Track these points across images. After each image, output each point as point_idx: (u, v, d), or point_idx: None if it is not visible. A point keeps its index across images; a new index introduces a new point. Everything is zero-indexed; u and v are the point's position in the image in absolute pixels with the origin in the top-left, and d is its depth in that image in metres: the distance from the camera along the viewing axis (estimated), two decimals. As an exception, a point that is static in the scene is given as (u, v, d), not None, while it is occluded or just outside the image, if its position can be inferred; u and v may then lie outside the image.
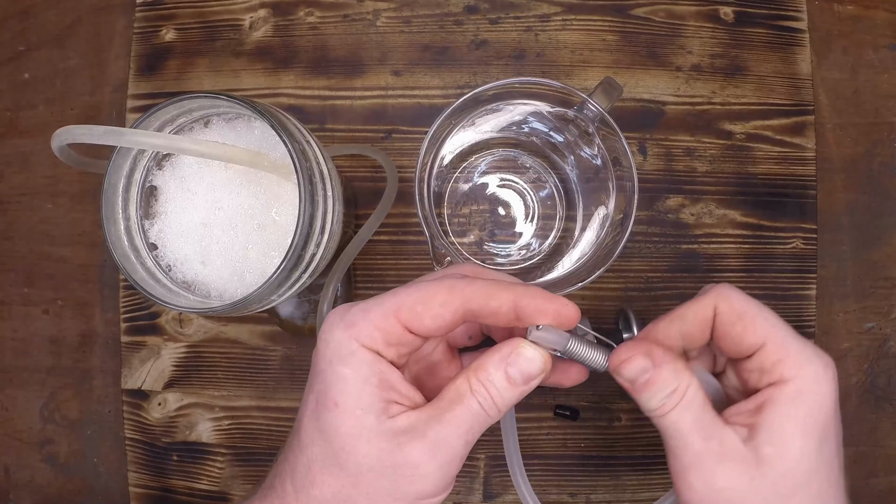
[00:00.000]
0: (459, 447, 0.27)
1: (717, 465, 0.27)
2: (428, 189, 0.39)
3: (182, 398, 0.47)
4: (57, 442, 0.48)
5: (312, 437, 0.27)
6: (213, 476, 0.47)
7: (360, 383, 0.26)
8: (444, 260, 0.37)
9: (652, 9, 0.48)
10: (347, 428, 0.26)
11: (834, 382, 0.27)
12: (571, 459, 0.46)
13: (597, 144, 0.40)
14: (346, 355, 0.27)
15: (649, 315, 0.46)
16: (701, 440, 0.27)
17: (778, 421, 0.27)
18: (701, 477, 0.27)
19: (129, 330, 0.48)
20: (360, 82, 0.48)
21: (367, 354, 0.27)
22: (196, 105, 0.34)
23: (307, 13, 0.48)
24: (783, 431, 0.27)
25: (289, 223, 0.35)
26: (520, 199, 0.45)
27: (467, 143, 0.44)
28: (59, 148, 0.31)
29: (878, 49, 0.49)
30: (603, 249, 0.39)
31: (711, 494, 0.27)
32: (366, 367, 0.27)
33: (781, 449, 0.27)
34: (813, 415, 0.27)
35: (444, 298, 0.27)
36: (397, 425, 0.26)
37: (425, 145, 0.37)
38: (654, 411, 0.28)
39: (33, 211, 0.49)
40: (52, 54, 0.50)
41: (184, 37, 0.49)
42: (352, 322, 0.27)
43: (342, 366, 0.27)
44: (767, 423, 0.27)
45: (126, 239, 0.35)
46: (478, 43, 0.48)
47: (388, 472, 0.26)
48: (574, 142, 0.42)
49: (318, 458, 0.27)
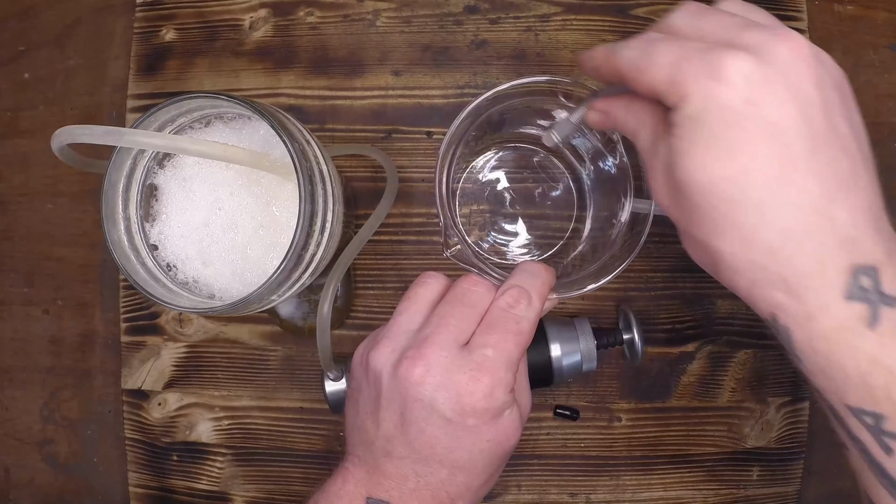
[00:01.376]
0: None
1: (670, 195, 0.27)
2: (448, 180, 0.38)
3: (182, 398, 0.47)
4: (57, 442, 0.48)
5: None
6: (213, 476, 0.47)
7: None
8: (453, 245, 0.37)
9: (652, 9, 0.48)
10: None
11: (729, 90, 0.24)
12: (571, 459, 0.46)
13: (619, 152, 0.40)
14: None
15: (649, 315, 0.46)
16: (660, 175, 0.28)
17: (683, 140, 0.25)
18: (672, 206, 0.28)
19: (129, 330, 0.48)
20: (360, 82, 0.48)
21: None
22: (196, 105, 0.34)
23: (307, 13, 0.48)
24: (688, 150, 0.25)
25: (289, 223, 0.35)
26: (531, 197, 0.45)
27: (486, 139, 0.44)
28: (59, 148, 0.31)
29: (878, 49, 0.49)
30: (613, 256, 0.39)
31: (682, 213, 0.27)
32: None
33: (692, 169, 0.25)
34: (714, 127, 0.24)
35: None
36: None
37: (452, 131, 0.36)
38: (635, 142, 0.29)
39: (33, 211, 0.49)
40: (52, 54, 0.50)
41: (184, 37, 0.49)
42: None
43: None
44: (677, 144, 0.26)
45: (126, 239, 0.35)
46: (478, 43, 0.48)
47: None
48: (595, 146, 0.42)
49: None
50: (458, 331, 0.31)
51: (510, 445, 0.32)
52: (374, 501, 0.31)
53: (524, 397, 0.35)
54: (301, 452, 0.47)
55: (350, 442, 0.34)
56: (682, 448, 0.46)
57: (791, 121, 0.24)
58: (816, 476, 0.47)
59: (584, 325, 0.43)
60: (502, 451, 0.32)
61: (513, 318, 0.32)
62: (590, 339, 0.42)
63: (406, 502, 0.31)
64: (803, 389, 0.47)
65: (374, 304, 0.47)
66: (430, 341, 0.31)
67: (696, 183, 0.25)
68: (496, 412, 0.31)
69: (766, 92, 0.24)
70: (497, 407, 0.31)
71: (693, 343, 0.46)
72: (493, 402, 0.30)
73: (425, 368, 0.30)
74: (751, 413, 0.46)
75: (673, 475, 0.46)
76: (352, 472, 0.32)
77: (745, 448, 0.46)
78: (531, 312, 0.32)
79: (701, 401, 0.46)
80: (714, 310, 0.47)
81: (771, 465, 0.46)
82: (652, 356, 0.46)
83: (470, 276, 0.34)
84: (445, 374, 0.30)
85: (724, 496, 0.46)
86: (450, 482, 0.31)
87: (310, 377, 0.47)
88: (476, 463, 0.31)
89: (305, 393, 0.47)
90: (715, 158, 0.24)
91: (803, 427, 0.46)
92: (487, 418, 0.31)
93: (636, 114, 0.29)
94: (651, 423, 0.46)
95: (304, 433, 0.47)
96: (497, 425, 0.31)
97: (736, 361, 0.46)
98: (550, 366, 0.42)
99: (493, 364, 0.31)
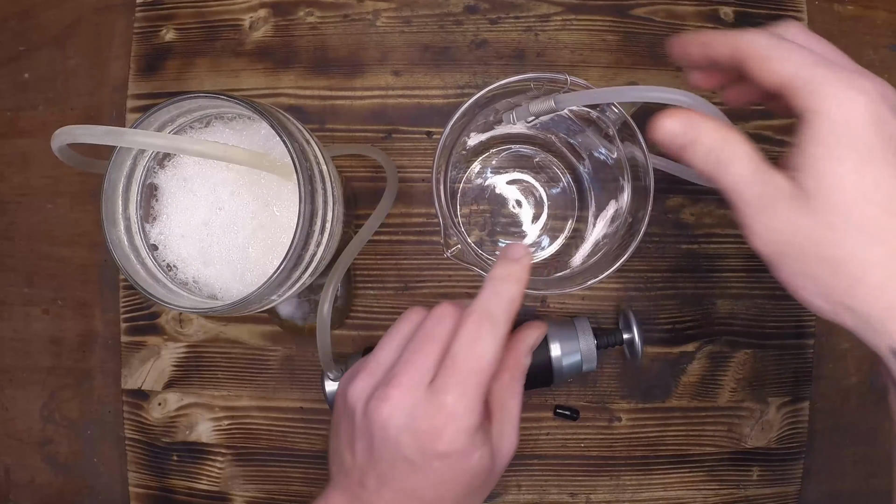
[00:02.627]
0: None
1: (771, 209, 0.27)
2: (445, 180, 0.38)
3: (182, 398, 0.47)
4: (57, 442, 0.48)
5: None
6: (213, 476, 0.47)
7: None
8: (453, 245, 0.37)
9: (652, 9, 0.48)
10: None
11: (863, 104, 0.26)
12: (571, 459, 0.46)
13: (616, 147, 0.40)
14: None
15: (649, 315, 0.46)
16: (752, 187, 0.28)
17: (811, 154, 0.27)
18: (761, 222, 0.28)
19: (129, 330, 0.48)
20: (360, 82, 0.48)
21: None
22: (196, 105, 0.34)
23: (307, 13, 0.48)
24: (816, 162, 0.27)
25: (289, 223, 0.35)
26: (529, 198, 0.45)
27: (484, 136, 0.44)
28: (59, 148, 0.31)
29: (878, 49, 0.49)
30: (613, 251, 0.39)
31: (772, 236, 0.28)
32: None
33: (819, 180, 0.26)
34: (844, 138, 0.26)
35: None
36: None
37: (446, 132, 0.37)
38: (706, 174, 0.29)
39: (33, 211, 0.49)
40: (53, 54, 0.50)
41: (184, 37, 0.49)
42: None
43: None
44: (803, 160, 0.27)
45: (126, 239, 0.35)
46: (478, 43, 0.48)
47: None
48: (592, 142, 0.42)
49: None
50: (424, 369, 0.31)
51: (481, 483, 0.32)
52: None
53: (506, 439, 0.34)
54: (301, 452, 0.47)
55: (332, 468, 0.35)
56: (682, 448, 0.46)
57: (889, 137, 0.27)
58: (816, 476, 0.47)
59: (584, 325, 0.43)
60: (472, 489, 0.32)
61: (473, 355, 0.30)
62: (590, 339, 0.42)
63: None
64: (803, 389, 0.47)
65: (374, 304, 0.47)
66: (396, 382, 0.31)
67: (846, 192, 0.26)
68: (461, 455, 0.30)
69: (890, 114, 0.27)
70: (460, 451, 0.30)
71: (693, 343, 0.47)
72: (455, 447, 0.30)
73: (390, 410, 0.30)
74: (751, 413, 0.46)
75: (673, 475, 0.46)
76: (333, 498, 0.33)
77: (745, 448, 0.46)
78: (494, 342, 0.30)
79: (701, 401, 0.46)
80: (714, 310, 0.47)
81: (771, 465, 0.46)
82: (652, 356, 0.46)
83: (441, 308, 0.32)
84: (409, 418, 0.30)
85: (724, 496, 0.46)
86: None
87: (310, 377, 0.47)
88: (445, 500, 0.31)
89: (305, 393, 0.47)
90: (863, 162, 0.26)
91: (803, 427, 0.46)
92: (453, 461, 0.30)
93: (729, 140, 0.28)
94: (651, 423, 0.46)
95: (304, 433, 0.47)
96: (464, 467, 0.31)
97: (736, 361, 0.46)
98: (550, 366, 0.42)
99: (453, 410, 0.30)
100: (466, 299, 0.34)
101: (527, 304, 0.47)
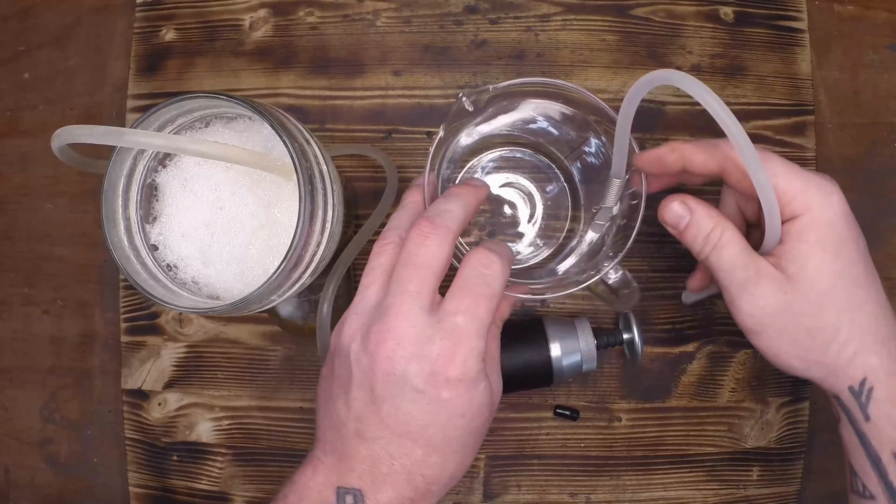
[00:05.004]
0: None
1: (756, 288, 0.33)
2: (437, 180, 0.38)
3: (182, 398, 0.47)
4: (57, 442, 0.48)
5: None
6: (213, 476, 0.47)
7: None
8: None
9: (652, 9, 0.48)
10: None
11: (838, 204, 0.33)
12: (571, 459, 0.46)
13: (601, 140, 0.40)
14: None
15: (649, 315, 0.46)
16: (741, 271, 0.33)
17: (795, 246, 0.33)
18: (746, 300, 0.33)
19: (129, 330, 0.48)
20: (360, 82, 0.48)
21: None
22: (196, 105, 0.34)
23: (307, 13, 0.48)
24: (800, 252, 0.32)
25: (289, 223, 0.35)
26: (524, 199, 0.45)
27: (477, 137, 0.44)
28: (59, 148, 0.31)
29: (878, 49, 0.49)
30: (617, 241, 0.39)
31: (757, 311, 0.33)
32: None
33: (802, 266, 0.32)
34: (823, 235, 0.32)
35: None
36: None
37: (441, 133, 0.37)
38: (699, 253, 0.34)
39: (33, 211, 0.49)
40: (52, 54, 0.50)
41: (184, 37, 0.49)
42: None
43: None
44: (788, 250, 0.33)
45: (126, 239, 0.35)
46: (478, 43, 0.48)
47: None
48: (582, 142, 0.42)
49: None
50: (421, 296, 0.30)
51: (482, 422, 0.32)
52: (344, 491, 0.30)
53: (495, 377, 0.33)
54: (301, 452, 0.47)
55: (320, 428, 0.33)
56: (682, 448, 0.46)
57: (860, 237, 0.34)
58: (816, 476, 0.47)
59: (584, 325, 0.43)
60: (475, 428, 0.31)
61: (485, 279, 0.31)
62: (590, 339, 0.42)
63: (379, 489, 0.30)
64: (803, 389, 0.47)
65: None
66: (395, 311, 0.30)
67: (823, 275, 0.32)
68: (470, 383, 0.30)
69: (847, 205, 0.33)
70: (471, 377, 0.30)
71: (693, 343, 0.47)
72: (466, 372, 0.30)
73: (395, 341, 0.30)
74: (751, 413, 0.46)
75: (673, 475, 0.46)
76: (322, 461, 0.31)
77: (745, 448, 0.46)
78: (502, 275, 0.31)
79: (701, 401, 0.46)
80: (714, 310, 0.47)
81: (771, 465, 0.46)
82: (652, 356, 0.46)
83: (419, 227, 0.31)
84: (416, 345, 0.29)
85: (724, 496, 0.46)
86: (424, 463, 0.30)
87: (310, 377, 0.47)
88: (450, 441, 0.30)
89: (305, 393, 0.47)
90: (838, 251, 0.33)
91: (803, 427, 0.46)
92: (462, 389, 0.30)
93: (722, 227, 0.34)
94: (651, 423, 0.46)
95: (304, 433, 0.47)
96: (470, 399, 0.30)
97: (736, 361, 0.46)
98: (550, 366, 0.42)
99: (465, 331, 0.30)
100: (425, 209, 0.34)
101: (527, 304, 0.47)
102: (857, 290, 0.33)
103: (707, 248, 0.34)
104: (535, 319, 0.43)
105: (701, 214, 0.34)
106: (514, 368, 0.41)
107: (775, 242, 0.34)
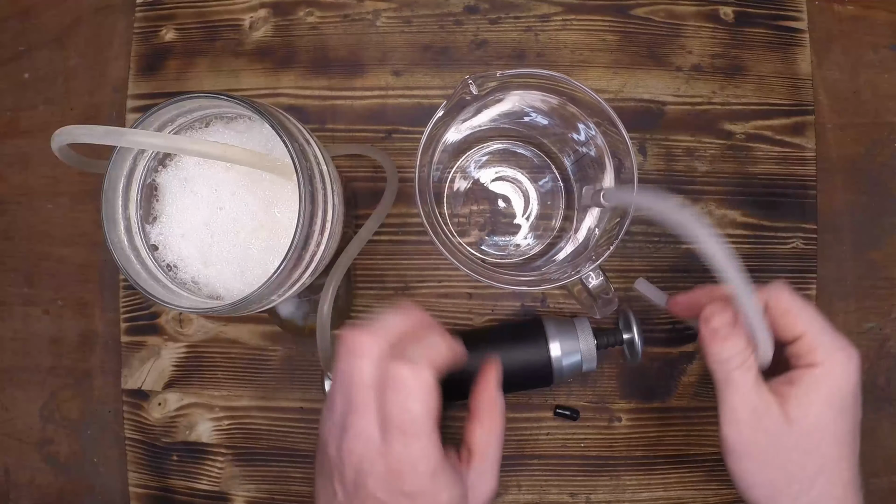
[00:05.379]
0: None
1: (759, 419, 0.34)
2: (428, 179, 0.39)
3: (182, 398, 0.47)
4: (57, 442, 0.48)
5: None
6: (213, 476, 0.47)
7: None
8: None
9: (652, 9, 0.48)
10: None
11: (855, 371, 0.34)
12: (571, 459, 0.46)
13: (599, 137, 0.40)
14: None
15: (649, 315, 0.46)
16: (756, 397, 0.34)
17: (805, 392, 0.34)
18: (749, 424, 0.34)
19: (129, 330, 0.48)
20: (360, 82, 0.48)
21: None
22: (196, 105, 0.34)
23: (307, 13, 0.48)
24: (808, 400, 0.34)
25: (289, 223, 0.35)
26: (518, 193, 0.45)
27: (467, 131, 0.44)
28: (59, 148, 0.30)
29: (878, 49, 0.49)
30: (601, 244, 0.39)
31: (751, 439, 0.34)
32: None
33: (805, 413, 0.33)
34: (834, 392, 0.34)
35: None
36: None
37: (428, 130, 0.37)
38: (725, 362, 0.34)
39: (33, 211, 0.49)
40: (52, 54, 0.50)
41: (184, 37, 0.49)
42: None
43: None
44: (797, 393, 0.34)
45: (126, 239, 0.35)
46: (478, 43, 0.48)
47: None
48: (574, 135, 0.42)
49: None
50: (367, 422, 0.31)
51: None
52: None
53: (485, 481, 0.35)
54: (301, 452, 0.47)
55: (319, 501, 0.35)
56: (682, 448, 0.46)
57: (860, 411, 0.35)
58: (816, 476, 0.47)
59: (584, 325, 0.43)
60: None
61: (397, 417, 0.31)
62: (590, 339, 0.42)
63: None
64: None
65: (374, 304, 0.47)
66: (353, 434, 0.32)
67: (822, 429, 0.34)
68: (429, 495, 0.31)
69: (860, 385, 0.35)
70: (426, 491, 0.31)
71: (693, 343, 0.47)
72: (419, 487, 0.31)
73: (359, 455, 0.31)
74: (751, 413, 0.46)
75: (673, 475, 0.46)
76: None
77: (745, 448, 0.46)
78: (418, 400, 0.31)
79: (701, 401, 0.46)
80: (714, 310, 0.47)
81: (771, 465, 0.46)
82: (652, 356, 0.46)
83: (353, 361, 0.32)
84: (370, 463, 0.31)
85: (724, 496, 0.46)
86: None
87: (310, 377, 0.47)
88: None
89: (305, 393, 0.47)
90: (843, 411, 0.34)
91: (803, 427, 0.46)
92: (421, 501, 0.31)
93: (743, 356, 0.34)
94: (651, 423, 0.46)
95: (304, 433, 0.47)
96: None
97: (736, 361, 0.46)
98: (550, 366, 0.42)
99: (406, 457, 0.31)
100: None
101: (527, 304, 0.47)
102: (842, 454, 0.34)
103: (737, 363, 0.34)
104: (535, 319, 0.44)
105: (743, 331, 0.34)
106: (514, 368, 0.41)
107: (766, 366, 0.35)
